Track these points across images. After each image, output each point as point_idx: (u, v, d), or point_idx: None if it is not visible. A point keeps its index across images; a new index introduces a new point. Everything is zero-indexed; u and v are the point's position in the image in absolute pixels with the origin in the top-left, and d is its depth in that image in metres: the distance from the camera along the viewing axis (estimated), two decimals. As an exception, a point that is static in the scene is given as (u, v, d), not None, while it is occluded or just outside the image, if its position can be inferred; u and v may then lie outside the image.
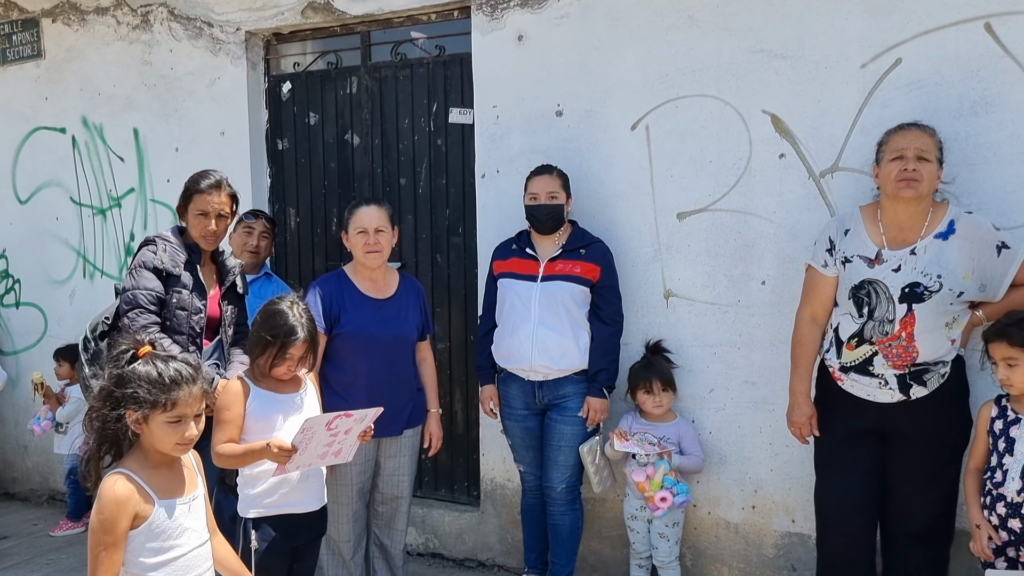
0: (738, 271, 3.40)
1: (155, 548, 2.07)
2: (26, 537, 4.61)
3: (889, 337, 2.74)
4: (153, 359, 2.10)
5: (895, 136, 2.75)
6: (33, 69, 5.02)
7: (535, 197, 3.39)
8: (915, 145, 2.68)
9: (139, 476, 2.06)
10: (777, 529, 3.41)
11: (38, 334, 5.13)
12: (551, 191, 3.37)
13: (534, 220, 3.41)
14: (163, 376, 2.05)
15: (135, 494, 2.03)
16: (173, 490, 2.13)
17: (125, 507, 2.00)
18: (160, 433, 2.06)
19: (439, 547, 4.11)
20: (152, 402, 2.02)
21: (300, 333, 2.65)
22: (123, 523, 2.00)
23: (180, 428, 2.06)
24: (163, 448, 2.08)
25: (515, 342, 3.36)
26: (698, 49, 3.40)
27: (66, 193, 4.97)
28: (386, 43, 4.18)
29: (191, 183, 3.10)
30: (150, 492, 2.06)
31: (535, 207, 3.39)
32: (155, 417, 2.04)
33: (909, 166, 2.67)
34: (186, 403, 2.06)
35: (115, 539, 1.99)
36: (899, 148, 2.71)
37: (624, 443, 3.21)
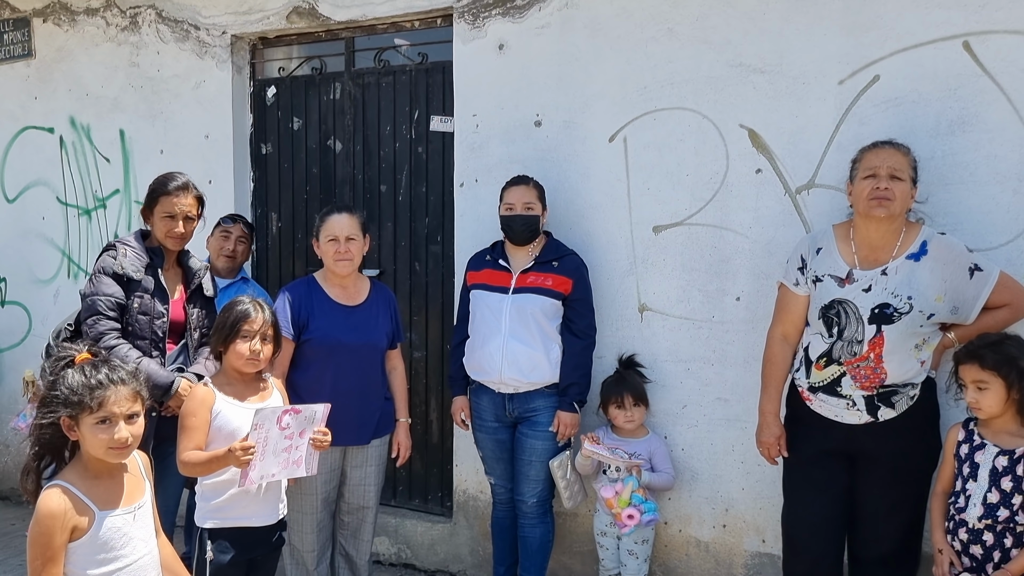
0: (713, 286, 3.36)
1: (99, 559, 2.05)
2: (2, 537, 4.60)
3: (857, 358, 2.69)
4: (84, 364, 2.09)
5: (869, 154, 2.71)
6: (23, 68, 5.03)
7: (511, 207, 3.36)
8: (888, 164, 2.64)
9: (78, 487, 2.04)
10: (748, 549, 3.36)
11: (22, 333, 5.12)
12: (527, 202, 3.34)
13: (509, 230, 3.38)
14: (90, 377, 2.04)
15: (71, 507, 1.99)
16: (116, 499, 2.11)
17: (60, 521, 1.97)
18: (91, 437, 2.04)
19: (411, 557, 4.08)
20: (78, 403, 2.01)
21: (256, 312, 2.70)
22: (59, 537, 1.97)
23: (109, 429, 2.03)
24: (96, 453, 2.05)
25: (485, 354, 3.33)
26: (677, 62, 3.37)
27: (53, 193, 4.98)
28: (370, 49, 4.17)
29: (157, 185, 3.09)
30: (89, 503, 2.04)
31: (510, 217, 3.36)
32: (84, 420, 2.02)
33: (881, 184, 2.63)
34: (113, 403, 2.03)
35: (53, 553, 1.97)
36: (872, 166, 2.67)
37: (595, 445, 3.17)
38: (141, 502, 2.17)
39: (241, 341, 2.67)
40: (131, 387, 2.09)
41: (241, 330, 2.67)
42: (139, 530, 2.14)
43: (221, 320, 2.73)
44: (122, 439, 2.04)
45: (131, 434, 2.07)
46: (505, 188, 3.42)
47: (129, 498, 2.14)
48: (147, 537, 2.17)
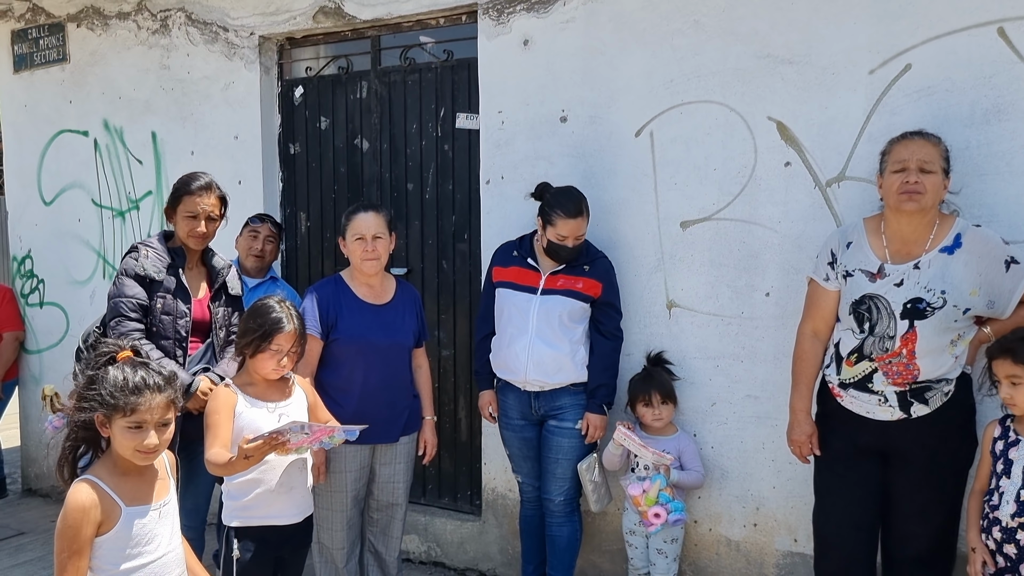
0: (742, 282, 3.31)
1: (125, 555, 2.07)
2: (42, 534, 4.69)
3: (889, 354, 2.64)
4: (125, 364, 2.11)
5: (898, 146, 2.65)
6: (58, 73, 5.12)
7: (563, 238, 3.22)
8: (917, 156, 2.57)
9: (107, 483, 2.06)
10: (779, 548, 3.31)
11: (60, 333, 5.22)
12: (580, 234, 3.24)
13: (554, 254, 3.29)
14: (128, 381, 2.05)
15: (99, 502, 2.02)
16: (143, 496, 2.13)
17: (88, 515, 2.00)
18: (120, 438, 2.06)
19: (441, 556, 4.09)
20: (112, 405, 2.03)
21: (287, 324, 2.67)
22: (86, 530, 2.00)
23: (140, 435, 2.05)
24: (124, 454, 2.08)
25: (511, 354, 3.32)
26: (703, 54, 3.32)
27: (88, 195, 5.06)
28: (396, 48, 4.18)
29: (180, 184, 3.13)
30: (117, 499, 2.06)
31: (559, 246, 3.25)
32: (116, 421, 2.05)
33: (911, 178, 2.57)
34: (147, 410, 2.05)
35: (79, 546, 2.00)
36: (901, 159, 2.60)
37: (629, 433, 3.13)
38: (166, 500, 2.20)
39: (270, 356, 2.66)
40: (166, 395, 2.10)
41: (272, 343, 2.65)
42: (164, 528, 2.16)
43: (253, 326, 2.68)
44: (150, 445, 2.07)
45: (160, 441, 2.09)
46: (559, 215, 3.20)
47: (156, 496, 2.16)
48: (172, 535, 2.19)
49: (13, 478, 5.61)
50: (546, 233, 3.28)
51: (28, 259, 5.34)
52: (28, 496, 5.41)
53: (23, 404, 5.45)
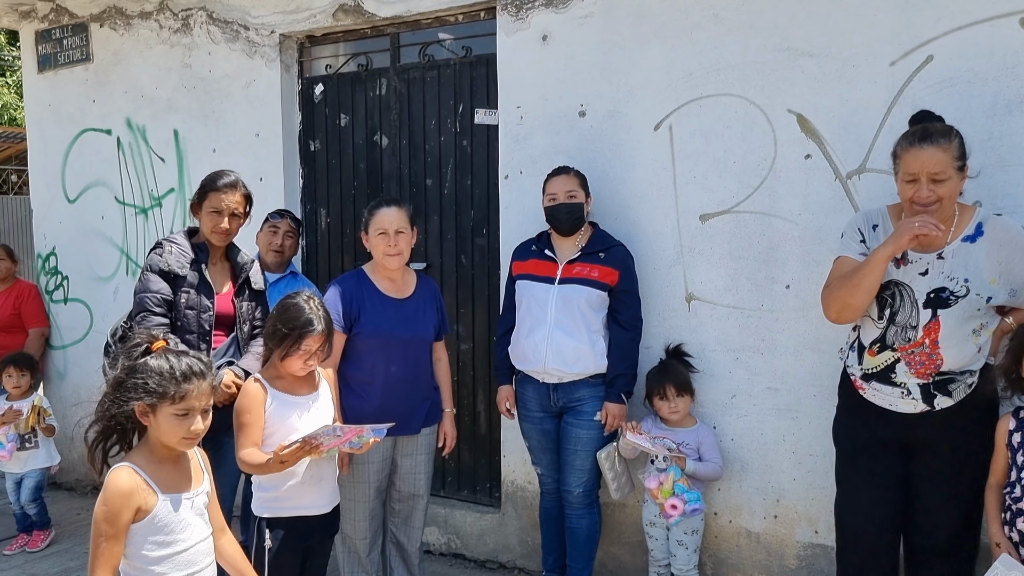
0: (762, 274, 3.32)
1: (158, 542, 2.10)
2: (68, 526, 4.77)
3: (912, 344, 2.63)
4: (166, 353, 2.14)
5: (907, 156, 2.57)
6: (82, 72, 5.19)
7: (554, 197, 3.37)
8: (927, 169, 2.52)
9: (144, 470, 2.09)
10: (800, 540, 3.32)
11: (84, 329, 5.29)
12: (569, 190, 3.34)
13: (554, 220, 3.38)
14: (174, 369, 2.08)
15: (139, 487, 2.05)
16: (178, 485, 2.16)
17: (129, 500, 2.03)
18: (167, 426, 2.09)
19: (461, 547, 4.12)
20: (161, 393, 2.06)
21: (317, 325, 2.68)
22: (125, 515, 2.03)
23: (187, 422, 2.09)
24: (169, 441, 2.11)
25: (530, 344, 3.35)
26: (723, 47, 3.33)
27: (111, 193, 5.13)
28: (414, 44, 4.21)
29: (207, 181, 3.18)
30: (154, 486, 2.09)
31: (555, 207, 3.36)
32: (163, 409, 2.07)
33: (923, 192, 2.53)
34: (195, 397, 2.09)
35: (117, 531, 2.02)
36: (911, 172, 2.56)
37: (636, 435, 3.15)
38: (199, 490, 2.23)
39: (299, 355, 2.68)
40: (209, 380, 2.14)
41: (303, 344, 2.66)
42: (196, 517, 2.19)
43: (282, 324, 2.68)
44: (198, 431, 2.11)
45: (204, 426, 2.14)
46: (546, 180, 3.42)
47: (189, 484, 2.19)
48: (203, 525, 2.21)
49: (39, 472, 5.68)
50: (544, 205, 3.40)
51: (52, 256, 5.42)
52: (53, 489, 5.46)
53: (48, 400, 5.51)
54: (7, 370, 4.43)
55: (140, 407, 2.08)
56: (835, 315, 2.73)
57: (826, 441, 3.03)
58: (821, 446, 3.19)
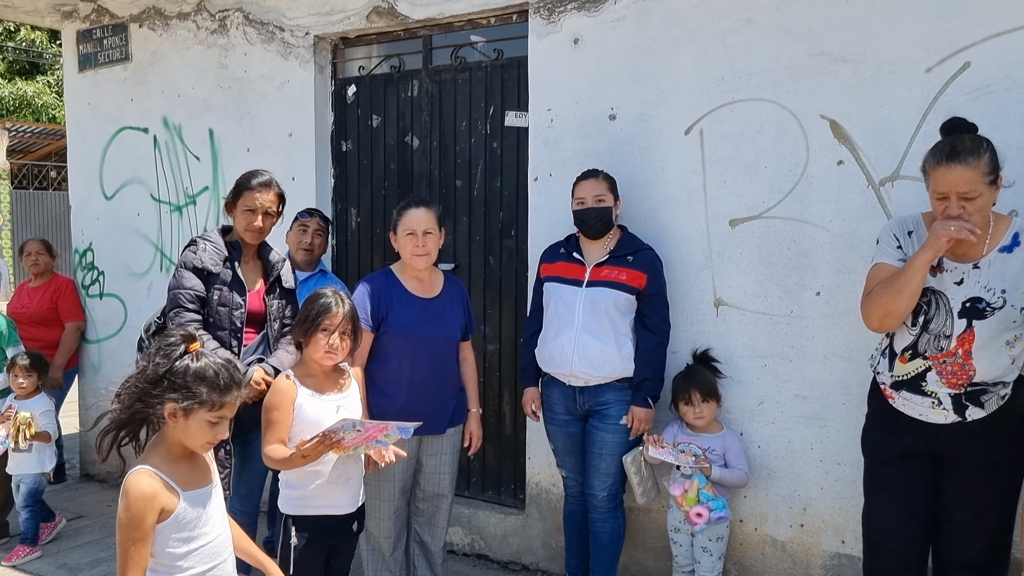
0: (792, 281, 3.29)
1: (182, 538, 2.12)
2: (99, 517, 4.85)
3: (944, 353, 2.60)
4: (205, 357, 2.12)
5: (935, 173, 2.53)
6: (121, 72, 5.29)
7: (582, 201, 3.37)
8: (956, 189, 2.48)
9: (163, 471, 2.09)
10: (826, 549, 3.29)
11: (119, 324, 5.39)
12: (597, 194, 3.34)
13: (582, 224, 3.39)
14: (219, 378, 2.09)
15: (162, 489, 2.06)
16: (195, 481, 2.17)
17: (152, 503, 2.04)
18: (196, 429, 2.10)
19: (484, 548, 4.13)
20: (202, 400, 2.07)
21: (336, 307, 2.74)
22: (150, 518, 2.04)
23: (217, 429, 2.12)
24: (193, 445, 2.14)
25: (557, 346, 3.35)
26: (755, 52, 3.31)
27: (147, 190, 5.22)
28: (447, 47, 4.23)
29: (242, 180, 3.23)
30: (175, 486, 2.10)
31: (582, 211, 3.36)
32: (198, 414, 2.08)
33: (953, 211, 2.49)
34: (230, 407, 2.13)
35: (143, 534, 2.03)
36: (940, 191, 2.52)
37: (658, 450, 3.15)
38: (215, 482, 2.25)
39: (321, 335, 2.73)
40: (244, 391, 2.19)
41: (322, 324, 2.73)
42: (215, 509, 2.21)
43: (304, 312, 2.79)
44: (223, 437, 2.16)
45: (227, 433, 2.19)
46: (575, 183, 3.43)
47: (205, 479, 2.21)
48: (221, 516, 2.24)
49: (72, 463, 5.80)
50: (572, 208, 3.40)
51: (89, 252, 5.52)
52: (86, 481, 5.59)
53: (82, 392, 5.63)
54: (13, 370, 4.32)
55: (172, 408, 2.07)
56: (877, 323, 2.69)
57: (854, 450, 3.00)
58: (849, 455, 3.16)
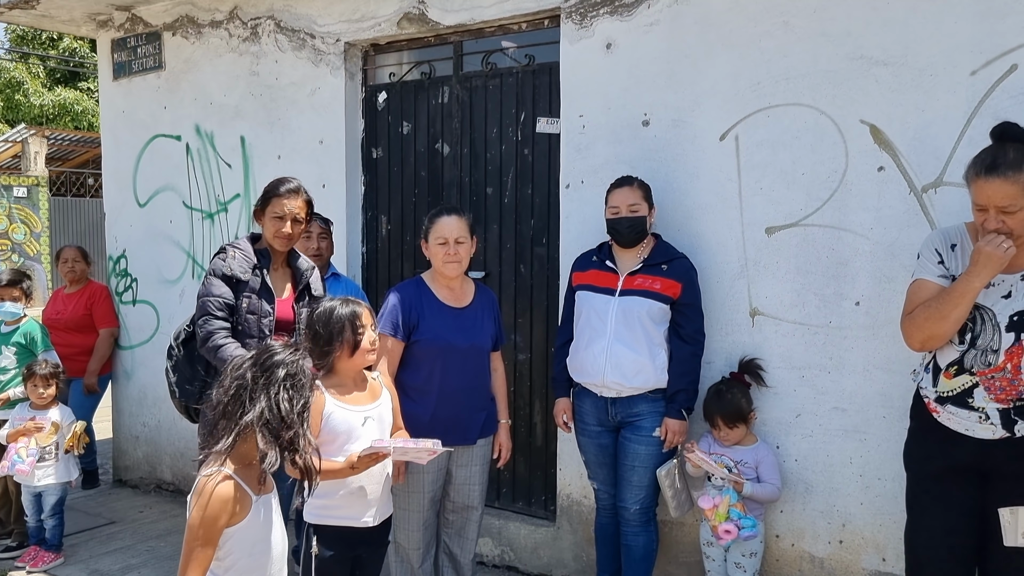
0: (830, 290, 3.21)
1: (254, 541, 2.13)
2: (131, 523, 4.88)
3: (992, 368, 2.51)
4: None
5: (975, 185, 2.46)
6: (154, 80, 5.34)
7: (616, 210, 3.31)
8: (995, 203, 2.41)
9: (239, 475, 2.09)
10: (866, 567, 3.19)
11: (151, 330, 5.43)
12: (632, 203, 3.29)
13: (615, 233, 3.33)
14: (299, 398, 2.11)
15: (236, 494, 2.07)
16: (260, 488, 2.17)
17: (228, 506, 2.05)
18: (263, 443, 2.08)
19: (514, 560, 4.08)
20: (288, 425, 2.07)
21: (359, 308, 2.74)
22: (223, 520, 2.05)
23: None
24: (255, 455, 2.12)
25: (589, 356, 3.30)
26: (793, 56, 3.24)
27: (179, 197, 5.25)
28: (478, 53, 4.21)
29: (270, 187, 3.22)
30: (248, 491, 2.11)
31: (616, 220, 3.31)
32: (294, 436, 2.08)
33: (991, 225, 2.43)
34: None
35: (213, 536, 2.04)
36: (980, 204, 2.46)
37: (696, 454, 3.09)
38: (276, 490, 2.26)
39: (361, 335, 2.70)
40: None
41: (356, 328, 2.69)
42: (278, 516, 2.23)
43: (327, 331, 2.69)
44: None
45: None
46: (610, 190, 3.37)
47: (269, 485, 2.22)
48: (282, 523, 2.26)
49: (105, 469, 5.85)
50: (606, 216, 3.35)
51: (123, 258, 5.57)
52: (118, 487, 5.63)
53: (116, 398, 5.68)
54: (32, 380, 4.23)
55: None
56: (919, 345, 2.63)
57: (896, 465, 2.91)
58: (891, 470, 3.07)
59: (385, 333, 3.14)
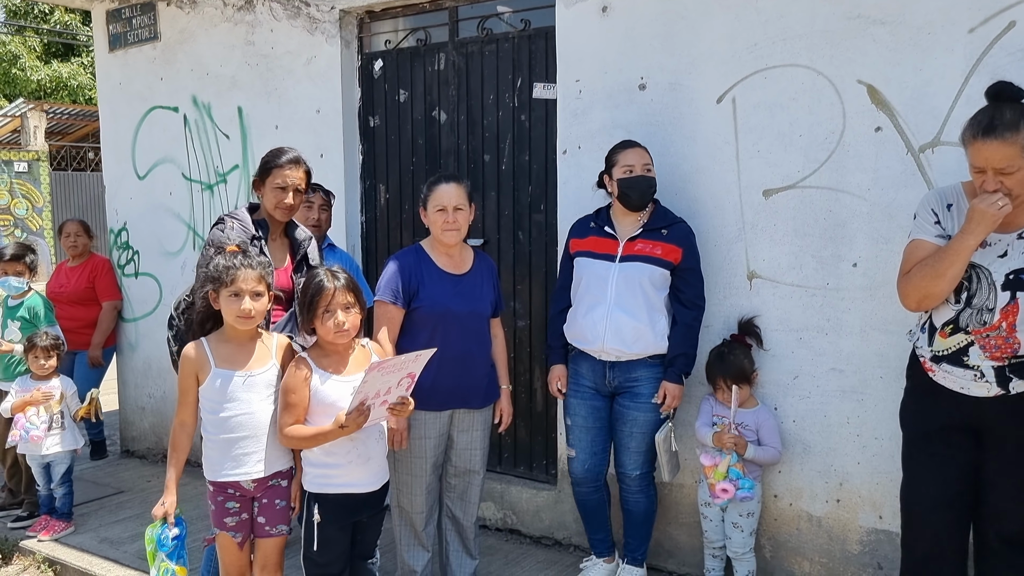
0: (827, 252, 3.21)
1: (212, 404, 2.73)
2: (139, 493, 4.95)
3: (987, 327, 2.52)
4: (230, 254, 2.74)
5: (972, 148, 2.45)
6: (150, 51, 5.30)
7: (630, 169, 3.25)
8: (992, 165, 2.40)
9: (210, 344, 2.76)
10: (863, 525, 3.23)
11: (154, 303, 5.45)
12: (646, 163, 3.26)
13: (628, 192, 3.26)
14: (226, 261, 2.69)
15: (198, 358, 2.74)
16: (234, 363, 2.73)
17: (187, 363, 2.75)
18: (225, 307, 2.70)
19: (517, 523, 4.14)
20: (216, 279, 2.68)
21: (328, 284, 2.71)
22: (188, 379, 2.76)
23: (240, 303, 2.66)
24: (228, 319, 2.72)
25: (588, 323, 3.31)
26: (790, 16, 3.21)
27: (178, 169, 5.25)
28: (473, 18, 4.17)
29: (270, 157, 3.21)
30: (211, 359, 2.73)
31: (631, 179, 3.24)
32: (221, 293, 2.69)
33: (990, 186, 2.42)
34: (242, 280, 2.67)
35: (186, 386, 2.77)
36: (977, 165, 2.45)
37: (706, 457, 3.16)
38: (254, 372, 2.74)
39: (325, 316, 2.70)
40: (257, 271, 2.72)
41: (320, 306, 2.69)
42: (248, 393, 2.72)
43: (301, 299, 2.78)
44: (246, 310, 2.67)
45: (254, 308, 2.69)
46: (618, 152, 3.30)
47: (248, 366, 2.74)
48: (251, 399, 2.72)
49: (112, 440, 5.92)
50: (614, 181, 3.30)
51: (124, 231, 5.58)
52: (126, 457, 5.70)
53: (121, 370, 5.73)
54: (33, 351, 4.22)
55: (212, 295, 2.72)
56: (915, 304, 2.64)
57: (892, 424, 2.94)
58: (887, 429, 3.09)
59: (385, 300, 3.15)
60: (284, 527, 2.85)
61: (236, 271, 2.66)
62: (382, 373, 2.57)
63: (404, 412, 2.79)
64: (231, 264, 2.67)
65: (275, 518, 2.82)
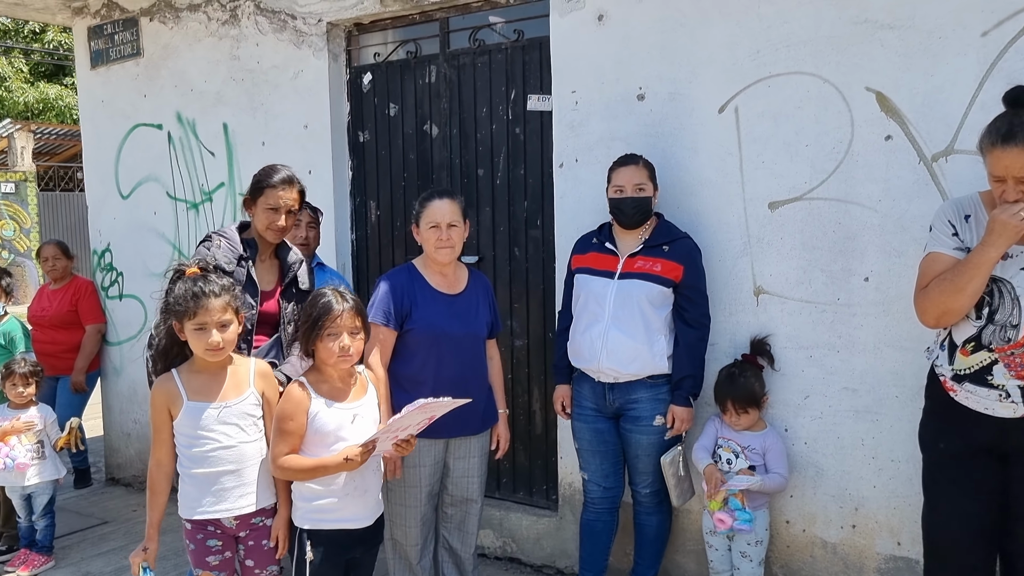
0: (837, 266, 3.08)
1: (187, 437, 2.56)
2: (124, 523, 4.77)
3: (1012, 344, 2.39)
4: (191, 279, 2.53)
5: (991, 156, 2.34)
6: (133, 67, 5.17)
7: (620, 189, 3.17)
8: (1014, 174, 2.30)
9: (181, 376, 2.57)
10: (880, 552, 3.09)
11: (139, 325, 5.29)
12: (638, 183, 3.15)
13: (619, 214, 3.19)
14: (188, 292, 2.49)
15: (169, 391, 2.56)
16: (207, 394, 2.56)
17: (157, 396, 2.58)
18: (191, 339, 2.52)
19: (516, 551, 3.97)
20: (183, 312, 2.49)
21: (337, 306, 2.57)
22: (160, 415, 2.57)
23: (207, 335, 2.49)
24: (196, 351, 2.54)
25: (586, 341, 3.18)
26: (793, 22, 3.09)
27: (163, 188, 5.10)
28: (464, 29, 4.05)
29: (262, 176, 3.07)
30: (182, 391, 2.54)
31: (620, 200, 3.17)
32: (187, 325, 2.50)
33: (1010, 196, 2.31)
34: (206, 311, 2.48)
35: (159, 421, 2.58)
36: (997, 174, 2.34)
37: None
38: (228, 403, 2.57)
39: (329, 339, 2.56)
40: (224, 299, 2.51)
41: (327, 328, 2.55)
42: (223, 426, 2.55)
43: (306, 318, 2.62)
44: (214, 343, 2.49)
45: (223, 339, 2.51)
46: (613, 169, 3.23)
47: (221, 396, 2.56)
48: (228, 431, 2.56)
49: (97, 467, 5.74)
50: (608, 195, 3.22)
51: (107, 252, 5.43)
52: (111, 485, 5.52)
53: (105, 395, 5.55)
54: (12, 379, 4.08)
55: (176, 326, 2.53)
56: (934, 321, 2.51)
57: (910, 446, 2.81)
58: (904, 451, 2.96)
59: (376, 322, 3.00)
60: (275, 567, 2.69)
61: (199, 300, 2.47)
62: (421, 412, 2.48)
63: (407, 450, 2.67)
64: (193, 291, 2.48)
65: (263, 560, 2.66)
